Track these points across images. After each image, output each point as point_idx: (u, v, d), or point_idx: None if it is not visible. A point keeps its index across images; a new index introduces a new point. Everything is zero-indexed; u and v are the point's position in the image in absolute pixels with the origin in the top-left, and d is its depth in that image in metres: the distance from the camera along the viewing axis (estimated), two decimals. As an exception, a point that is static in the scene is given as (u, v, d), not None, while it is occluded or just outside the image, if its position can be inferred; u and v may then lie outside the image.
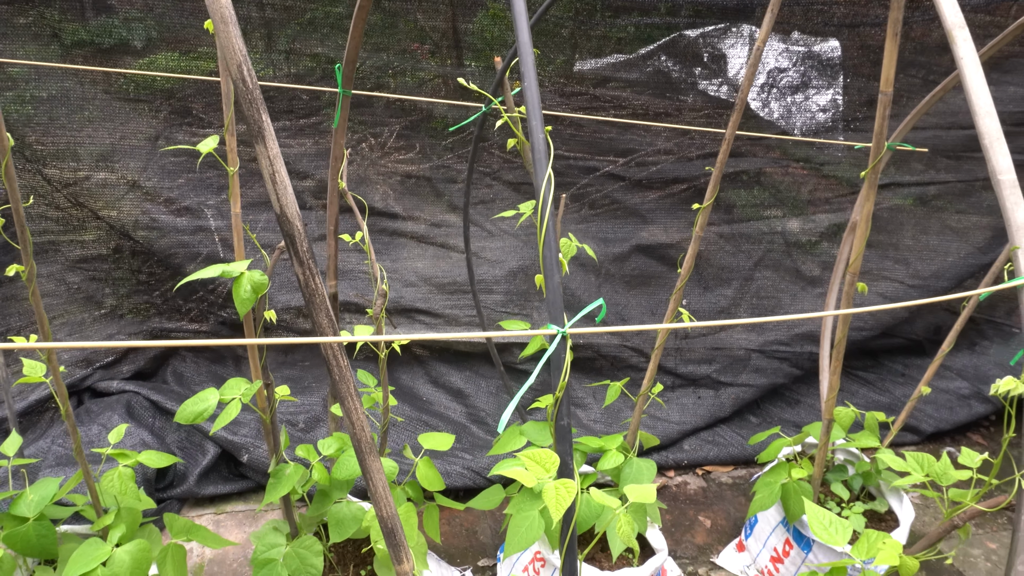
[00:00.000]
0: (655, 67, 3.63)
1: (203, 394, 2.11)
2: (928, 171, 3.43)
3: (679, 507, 3.08)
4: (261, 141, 1.00)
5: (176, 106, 3.05)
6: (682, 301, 3.47)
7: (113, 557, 2.11)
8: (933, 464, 1.53)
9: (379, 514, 1.14)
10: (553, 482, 0.91)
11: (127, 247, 3.19)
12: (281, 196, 1.02)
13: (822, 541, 1.51)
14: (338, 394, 1.09)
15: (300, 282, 1.05)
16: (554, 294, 0.96)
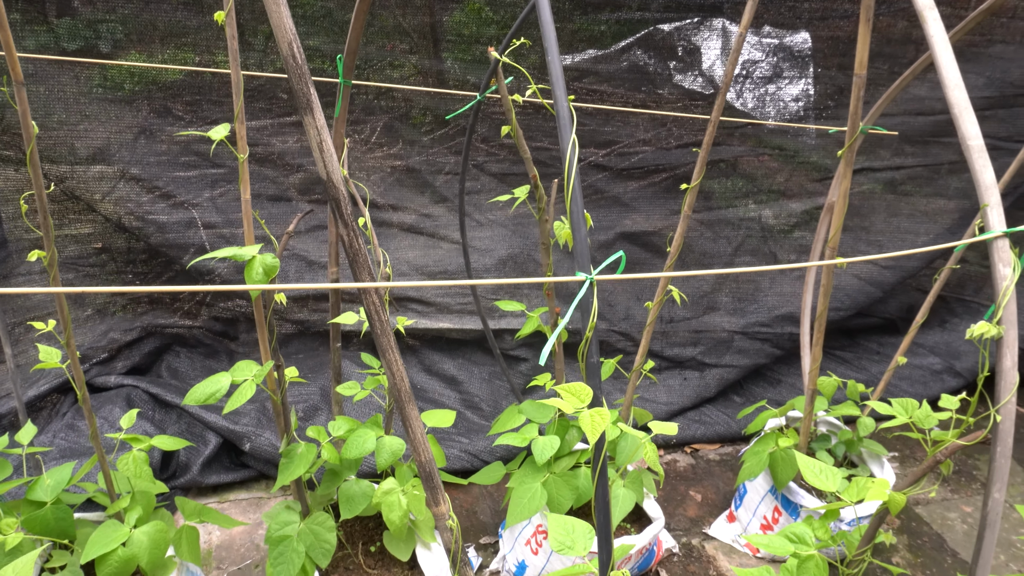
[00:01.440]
0: (631, 61, 3.75)
1: (215, 377, 2.18)
2: (896, 156, 3.59)
3: (670, 483, 3.19)
4: (309, 112, 1.09)
5: (158, 106, 3.11)
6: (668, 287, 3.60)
7: (132, 538, 2.18)
8: (915, 408, 1.66)
9: (418, 459, 1.23)
10: (588, 410, 1.01)
11: (120, 243, 3.24)
12: (328, 163, 1.11)
13: (815, 486, 1.62)
14: (379, 347, 1.18)
15: (344, 243, 1.14)
16: (581, 245, 1.06)
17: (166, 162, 3.15)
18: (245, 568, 2.68)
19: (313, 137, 1.08)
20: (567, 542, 1.17)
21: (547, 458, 2.45)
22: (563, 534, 1.18)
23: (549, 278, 1.03)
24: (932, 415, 1.68)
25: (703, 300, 3.63)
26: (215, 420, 3.02)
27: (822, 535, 1.60)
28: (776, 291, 3.64)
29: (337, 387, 2.49)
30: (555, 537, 1.19)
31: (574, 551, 1.16)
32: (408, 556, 2.39)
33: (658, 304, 2.51)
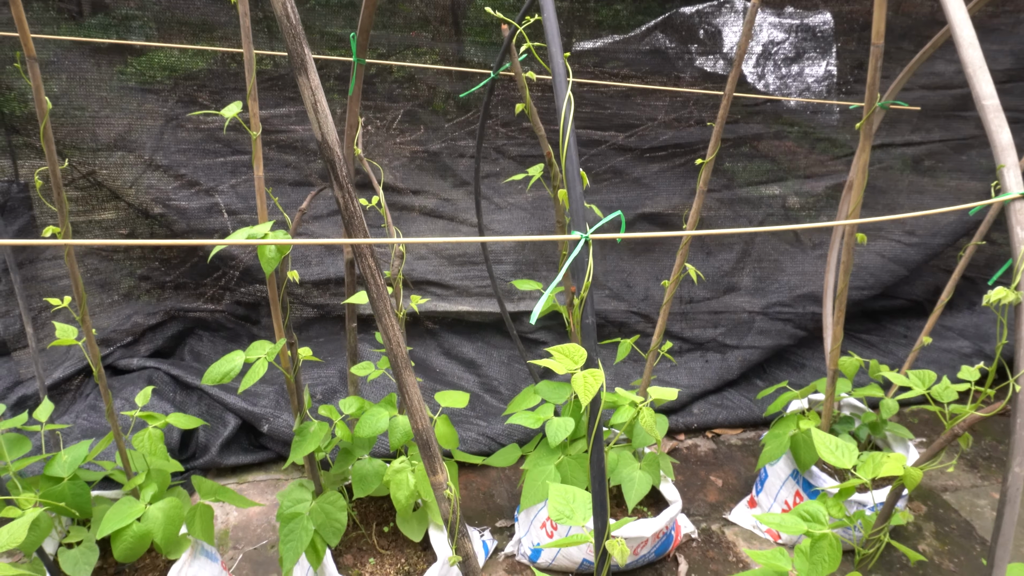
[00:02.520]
0: (653, 45, 3.70)
1: (229, 356, 2.19)
2: (918, 132, 3.50)
3: (690, 468, 3.16)
4: (304, 73, 1.07)
5: (184, 96, 3.13)
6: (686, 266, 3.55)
7: (147, 514, 2.19)
8: (932, 380, 1.61)
9: (414, 426, 1.22)
10: (581, 372, 0.99)
11: (144, 228, 3.27)
12: (322, 124, 1.09)
13: (830, 462, 1.58)
14: (376, 312, 1.16)
15: (340, 205, 1.12)
16: (576, 203, 1.03)
17: (190, 150, 3.17)
18: (261, 548, 2.70)
19: (308, 98, 1.07)
20: (566, 511, 1.15)
21: (561, 440, 2.42)
22: (562, 503, 1.16)
23: (547, 236, 1.00)
24: (951, 387, 1.63)
25: (723, 280, 3.58)
26: (234, 402, 3.04)
27: (836, 513, 1.56)
28: (797, 270, 3.58)
29: (352, 368, 2.49)
30: (554, 506, 1.16)
31: (573, 520, 1.14)
32: (420, 536, 2.39)
33: (674, 282, 2.48)
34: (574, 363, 1.00)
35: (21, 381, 3.15)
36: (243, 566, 2.62)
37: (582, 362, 0.99)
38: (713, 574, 2.63)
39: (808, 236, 3.62)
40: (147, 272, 3.36)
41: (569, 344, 1.00)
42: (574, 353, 1.00)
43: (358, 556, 2.42)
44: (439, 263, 3.35)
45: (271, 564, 2.63)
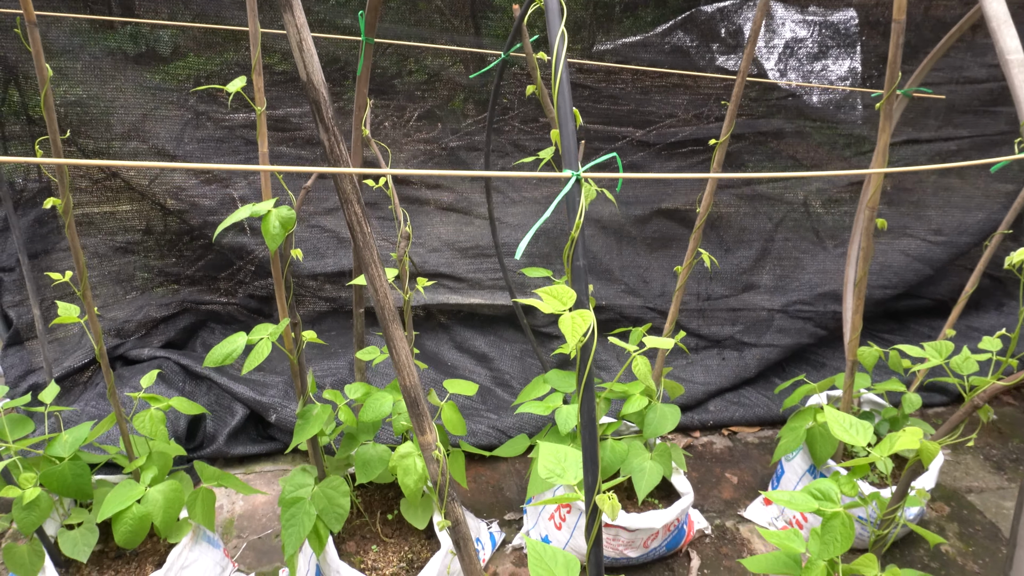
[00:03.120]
0: (673, 44, 3.66)
1: (231, 337, 2.16)
2: (945, 127, 3.42)
3: (705, 465, 3.08)
4: (289, 10, 1.04)
5: (204, 95, 3.13)
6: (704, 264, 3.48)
7: (147, 496, 2.17)
8: (950, 350, 1.53)
9: (402, 383, 1.17)
10: (570, 312, 0.94)
11: (158, 219, 3.27)
12: (308, 63, 1.06)
13: (844, 440, 1.51)
14: (362, 261, 1.12)
15: (326, 148, 1.09)
16: (568, 141, 0.99)
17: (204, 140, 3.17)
18: (265, 537, 2.66)
19: (293, 36, 1.04)
20: (556, 470, 1.10)
21: (570, 427, 2.37)
22: (553, 462, 1.11)
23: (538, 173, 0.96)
24: (971, 358, 1.56)
25: (742, 277, 3.51)
26: (242, 391, 3.01)
27: (849, 492, 1.49)
28: (818, 268, 3.49)
29: (358, 352, 2.45)
30: (544, 465, 1.11)
31: (563, 478, 1.09)
32: (425, 524, 2.33)
33: (687, 267, 2.42)
34: (562, 304, 0.95)
35: (33, 370, 3.14)
36: (247, 555, 2.58)
37: (571, 303, 0.94)
38: (727, 571, 2.55)
39: (830, 235, 3.54)
40: (163, 266, 3.35)
41: (557, 285, 0.96)
42: (563, 294, 0.96)
43: (361, 544, 2.38)
44: (452, 255, 3.32)
45: (275, 553, 2.59)
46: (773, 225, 3.50)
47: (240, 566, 2.53)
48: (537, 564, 1.14)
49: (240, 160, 3.18)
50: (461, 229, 3.36)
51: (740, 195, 3.50)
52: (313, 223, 3.29)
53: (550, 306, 0.94)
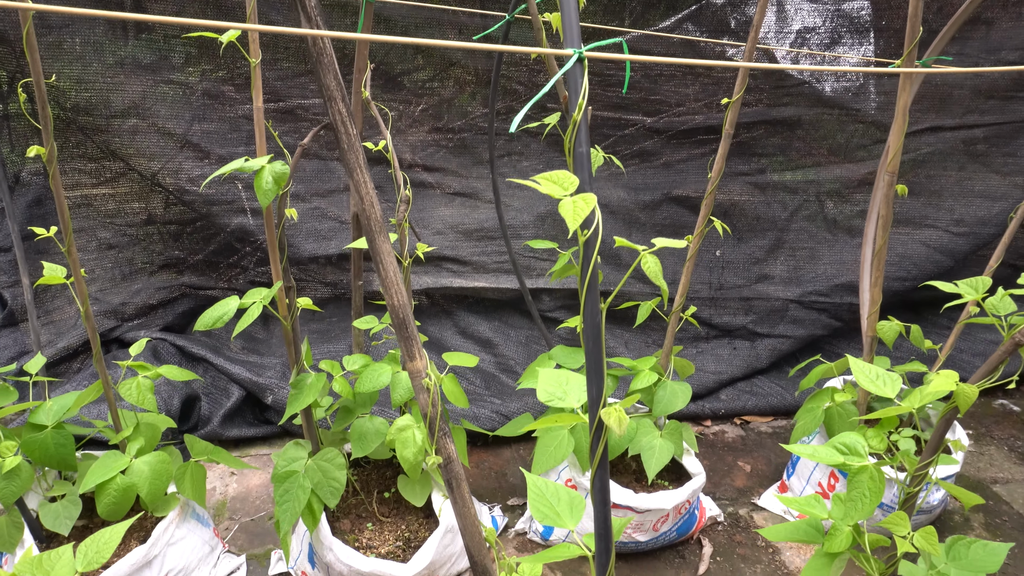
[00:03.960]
0: (682, 37, 3.59)
1: (223, 301, 2.08)
2: (970, 113, 3.32)
3: (717, 453, 2.96)
4: None
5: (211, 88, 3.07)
6: (716, 252, 3.39)
7: (132, 466, 2.08)
8: (987, 285, 1.43)
9: (390, 303, 1.08)
10: (571, 197, 0.84)
11: (158, 202, 3.19)
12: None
13: (870, 391, 1.41)
14: (347, 164, 1.03)
15: (308, 41, 1.00)
16: (569, 18, 0.90)
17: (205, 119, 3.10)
18: (259, 519, 2.56)
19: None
20: (558, 393, 1.00)
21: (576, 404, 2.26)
22: (554, 385, 1.01)
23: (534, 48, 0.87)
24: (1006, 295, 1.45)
25: (755, 267, 3.40)
26: (238, 372, 2.92)
27: (877, 445, 1.39)
28: (835, 259, 3.39)
29: (355, 321, 2.36)
30: (544, 389, 1.01)
31: (565, 401, 0.99)
32: (423, 501, 2.23)
33: (698, 236, 2.32)
34: (563, 189, 0.85)
35: (27, 351, 3.07)
36: (239, 536, 2.48)
37: (572, 188, 0.85)
38: (740, 559, 2.43)
39: (846, 226, 3.43)
40: (162, 250, 3.28)
41: (557, 172, 0.87)
42: (563, 180, 0.86)
43: (356, 523, 2.27)
44: (455, 238, 3.23)
45: (268, 535, 2.48)
46: (788, 214, 3.40)
47: (231, 547, 2.42)
48: (538, 501, 1.04)
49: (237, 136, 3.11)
50: (466, 212, 3.27)
51: (754, 184, 3.40)
52: (314, 205, 3.21)
53: (549, 190, 0.85)
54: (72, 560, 1.43)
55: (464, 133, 3.29)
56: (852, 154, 3.43)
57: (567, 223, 0.82)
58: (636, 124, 3.40)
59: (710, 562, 2.42)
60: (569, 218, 0.82)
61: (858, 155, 3.41)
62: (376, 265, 1.06)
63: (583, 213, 0.81)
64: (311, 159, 3.23)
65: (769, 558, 2.44)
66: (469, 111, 3.31)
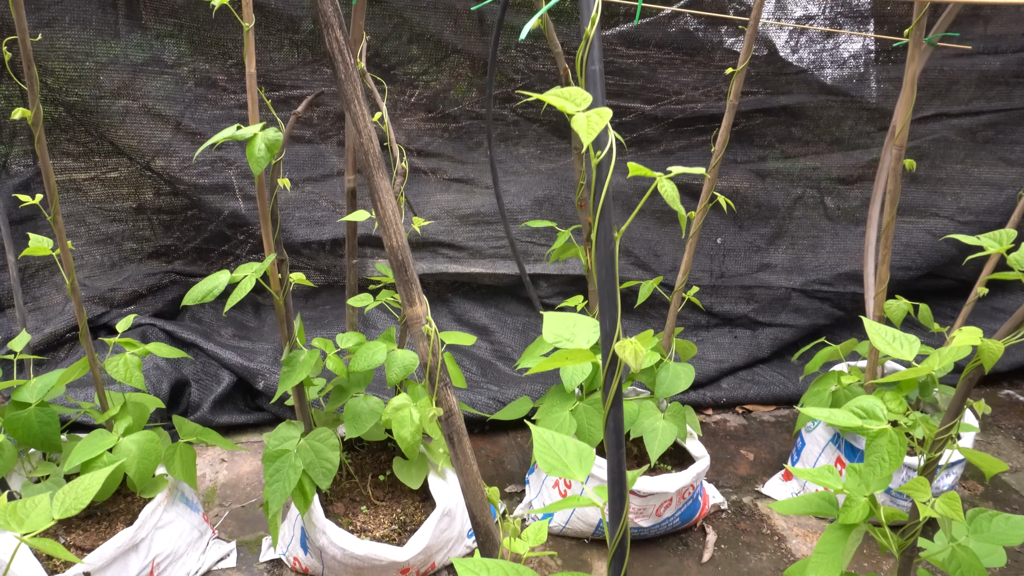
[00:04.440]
0: (680, 27, 3.54)
1: (213, 275, 2.01)
2: (976, 99, 3.27)
3: (719, 442, 2.90)
4: None
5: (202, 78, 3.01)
6: (717, 239, 3.34)
7: (119, 445, 2.01)
8: (1012, 237, 1.37)
9: (388, 244, 1.02)
10: (584, 112, 0.79)
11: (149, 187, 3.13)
12: None
13: (887, 353, 1.35)
14: (344, 96, 0.97)
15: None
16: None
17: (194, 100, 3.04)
18: (249, 506, 2.48)
19: None
20: (565, 335, 0.94)
21: (577, 383, 2.21)
22: (561, 327, 0.95)
23: None
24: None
25: (756, 255, 3.35)
26: (229, 357, 2.85)
27: (896, 408, 1.33)
28: (838, 247, 3.34)
29: (349, 300, 2.29)
30: (551, 330, 0.95)
31: (574, 341, 0.93)
32: (419, 484, 2.16)
33: (701, 212, 2.26)
34: (576, 105, 0.80)
35: (12, 337, 2.99)
36: (229, 523, 2.41)
37: (585, 104, 0.79)
38: (745, 546, 2.36)
39: (850, 214, 3.38)
40: (152, 236, 3.21)
41: (569, 88, 0.81)
42: (576, 96, 0.81)
43: (350, 506, 2.20)
44: (451, 223, 3.17)
45: (259, 522, 2.41)
46: (790, 202, 3.35)
47: (221, 534, 2.35)
48: (545, 452, 0.98)
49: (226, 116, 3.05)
50: (462, 198, 3.21)
51: (756, 171, 3.35)
52: (307, 191, 3.15)
53: (560, 104, 0.79)
54: (48, 507, 1.36)
55: (460, 121, 3.23)
56: (854, 142, 3.39)
57: (581, 138, 0.77)
58: (636, 111, 3.35)
59: (714, 549, 2.35)
60: (583, 132, 0.76)
61: (861, 143, 3.37)
62: (374, 204, 1.00)
63: (598, 127, 0.76)
64: (304, 144, 3.17)
65: (775, 545, 2.38)
66: (464, 98, 3.25)
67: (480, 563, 1.02)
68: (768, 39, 3.49)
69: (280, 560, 2.25)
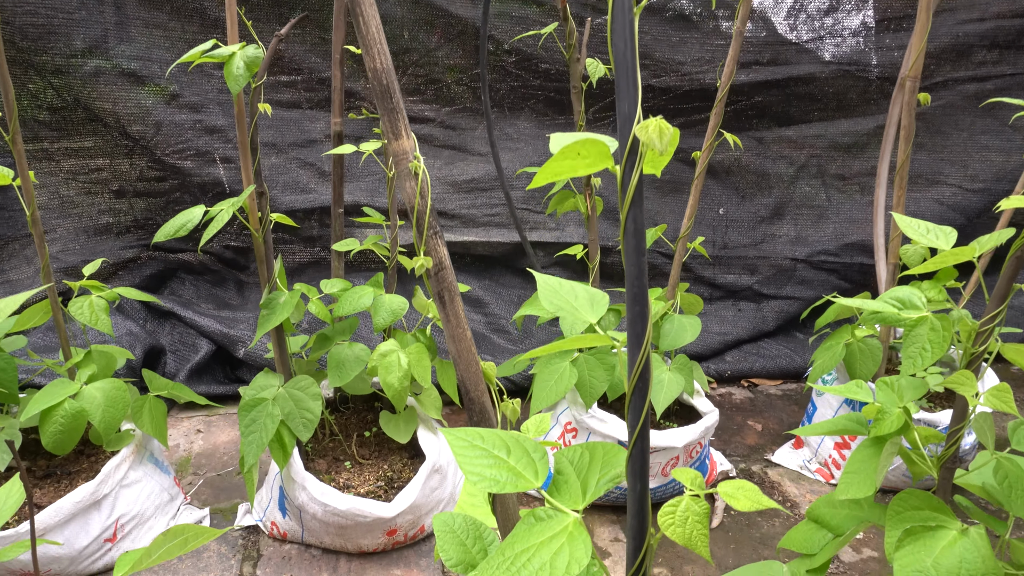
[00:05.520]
0: (676, 10, 3.46)
1: (187, 210, 1.88)
2: (984, 65, 3.18)
3: (725, 413, 2.75)
4: None
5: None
6: (719, 210, 3.22)
7: (82, 392, 1.85)
8: None
9: (371, 66, 0.88)
10: None
11: (123, 156, 2.99)
12: None
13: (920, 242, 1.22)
14: None
15: None
16: None
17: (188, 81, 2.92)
18: (226, 475, 2.32)
19: None
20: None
21: (578, 331, 2.06)
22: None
23: None
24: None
25: (760, 226, 3.23)
26: (209, 324, 2.71)
27: (935, 296, 1.20)
28: (844, 217, 3.22)
29: (335, 244, 2.15)
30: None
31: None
32: (408, 438, 2.01)
33: (707, 150, 2.14)
34: None
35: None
36: (203, 491, 2.24)
37: None
38: (756, 513, 2.21)
39: (856, 182, 3.27)
40: (130, 209, 3.07)
41: None
42: None
43: (333, 464, 2.05)
44: (443, 189, 3.04)
45: (235, 489, 2.25)
46: (794, 171, 3.24)
47: (194, 501, 2.18)
48: (551, 295, 0.84)
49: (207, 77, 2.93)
50: (456, 165, 3.09)
51: (759, 139, 3.24)
52: (293, 155, 3.02)
53: None
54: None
55: (452, 87, 3.12)
56: (859, 109, 3.28)
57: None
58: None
59: (724, 515, 2.20)
60: None
61: (867, 110, 3.26)
62: (355, 20, 0.87)
63: None
64: (289, 108, 3.04)
65: (788, 511, 2.22)
66: (458, 64, 3.14)
67: (473, 432, 0.87)
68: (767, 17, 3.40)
69: (257, 527, 2.09)
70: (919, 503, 1.19)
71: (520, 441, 0.87)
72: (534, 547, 0.76)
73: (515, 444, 0.87)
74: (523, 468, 0.84)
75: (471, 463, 0.83)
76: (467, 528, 1.10)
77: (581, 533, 0.76)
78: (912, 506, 1.20)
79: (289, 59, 3.01)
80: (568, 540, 0.76)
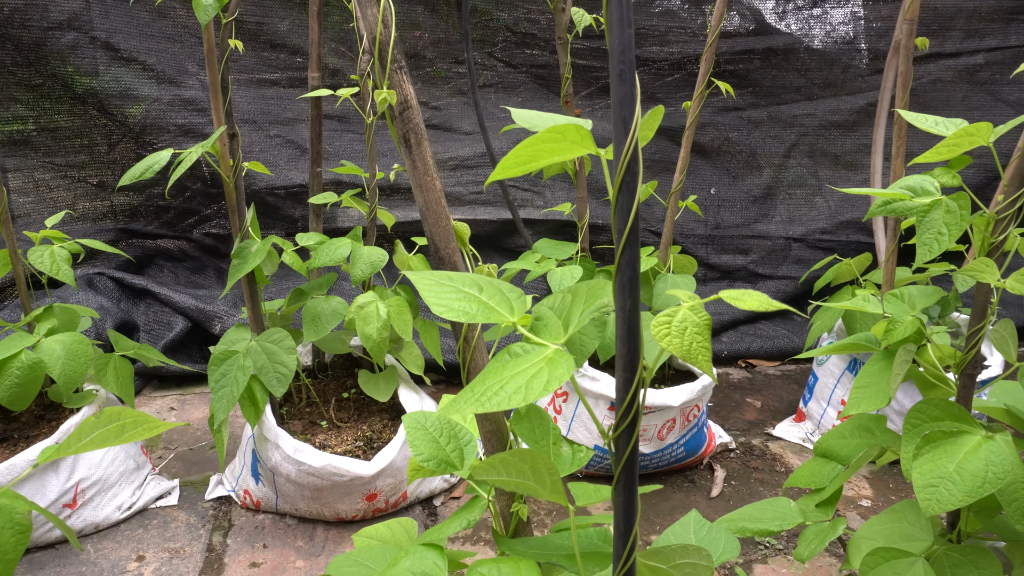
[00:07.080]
0: (664, 6, 3.42)
1: (155, 153, 1.78)
2: (971, 38, 3.13)
3: (723, 391, 2.65)
4: None
5: None
6: (711, 189, 3.15)
7: (41, 344, 1.74)
8: None
9: None
10: None
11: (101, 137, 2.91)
12: None
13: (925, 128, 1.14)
14: None
15: None
16: None
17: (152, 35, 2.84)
18: (198, 449, 2.20)
19: None
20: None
21: (565, 286, 1.96)
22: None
23: None
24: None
25: (754, 205, 3.15)
26: (184, 300, 2.60)
27: (948, 181, 1.11)
28: (839, 194, 3.15)
29: (311, 198, 2.06)
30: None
31: None
32: (388, 397, 1.91)
33: (699, 97, 2.06)
34: None
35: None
36: (174, 464, 2.12)
37: None
38: (758, 482, 2.10)
39: (849, 160, 3.21)
40: (108, 195, 2.97)
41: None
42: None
43: (309, 427, 1.93)
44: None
45: (207, 463, 2.13)
46: (786, 148, 3.17)
47: (164, 473, 2.06)
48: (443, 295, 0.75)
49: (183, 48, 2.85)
50: (441, 144, 3.01)
51: (749, 119, 3.18)
52: (273, 133, 2.94)
53: None
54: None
55: (436, 64, 3.05)
56: (850, 85, 3.23)
57: None
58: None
59: (724, 485, 2.09)
60: None
61: (859, 85, 3.21)
62: None
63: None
64: (270, 87, 2.97)
65: (790, 480, 2.11)
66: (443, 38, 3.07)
67: (442, 274, 0.78)
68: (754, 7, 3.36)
69: (229, 497, 1.97)
70: (939, 413, 1.09)
71: (494, 283, 0.78)
72: (508, 377, 0.66)
73: (488, 284, 0.77)
74: (497, 304, 0.74)
75: (438, 297, 0.73)
76: (441, 427, 1.00)
77: (562, 357, 0.67)
78: (931, 417, 1.10)
79: (270, 36, 2.94)
80: (547, 364, 0.66)
